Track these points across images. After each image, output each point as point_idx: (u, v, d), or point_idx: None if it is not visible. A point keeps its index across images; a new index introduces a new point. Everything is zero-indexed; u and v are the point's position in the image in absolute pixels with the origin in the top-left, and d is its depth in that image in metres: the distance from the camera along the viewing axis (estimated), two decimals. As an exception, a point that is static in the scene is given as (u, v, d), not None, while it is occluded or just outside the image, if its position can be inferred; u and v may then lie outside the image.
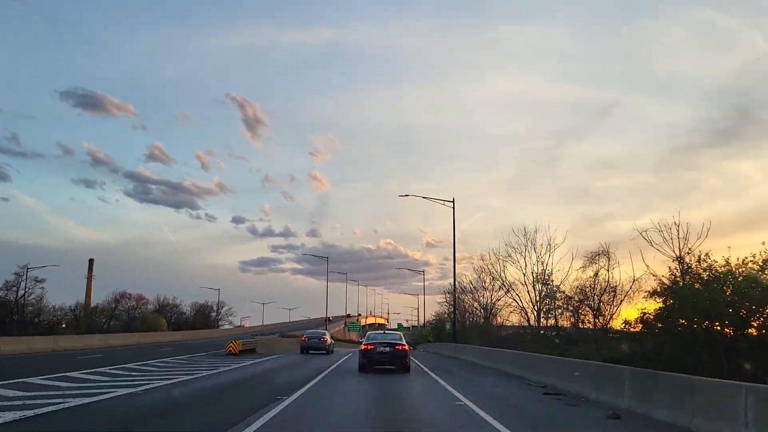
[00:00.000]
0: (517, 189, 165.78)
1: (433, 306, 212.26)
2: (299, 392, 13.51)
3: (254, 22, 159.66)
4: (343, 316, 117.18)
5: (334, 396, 13.41)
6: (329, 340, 39.68)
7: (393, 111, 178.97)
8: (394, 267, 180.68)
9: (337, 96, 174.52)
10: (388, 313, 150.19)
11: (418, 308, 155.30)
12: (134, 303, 72.83)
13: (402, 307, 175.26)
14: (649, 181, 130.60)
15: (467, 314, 49.64)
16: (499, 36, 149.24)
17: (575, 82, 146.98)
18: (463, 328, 45.91)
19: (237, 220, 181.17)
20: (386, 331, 27.44)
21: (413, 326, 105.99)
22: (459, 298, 46.97)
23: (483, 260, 43.05)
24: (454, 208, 39.43)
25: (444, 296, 62.00)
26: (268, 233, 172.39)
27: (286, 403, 11.46)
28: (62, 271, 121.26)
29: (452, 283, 43.82)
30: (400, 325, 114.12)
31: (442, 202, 40.16)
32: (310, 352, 36.86)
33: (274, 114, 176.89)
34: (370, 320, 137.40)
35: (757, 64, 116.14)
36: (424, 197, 40.68)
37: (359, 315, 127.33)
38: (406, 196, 41.79)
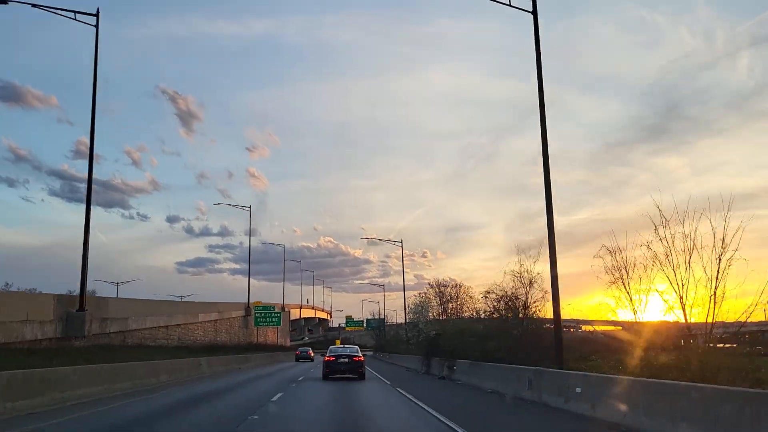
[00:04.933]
0: (457, 185, 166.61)
1: (370, 306, 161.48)
2: None
3: (182, 11, 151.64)
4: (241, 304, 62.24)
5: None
6: (312, 354, 62.05)
7: (330, 106, 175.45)
8: (335, 265, 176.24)
9: (273, 90, 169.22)
10: (331, 308, 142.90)
11: (404, 299, 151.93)
12: None
13: (346, 306, 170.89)
14: (582, 178, 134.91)
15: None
16: (435, 30, 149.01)
17: (511, 77, 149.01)
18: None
19: (172, 219, 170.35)
20: (345, 345, 33.24)
21: (369, 319, 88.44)
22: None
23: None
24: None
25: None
26: (205, 233, 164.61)
27: None
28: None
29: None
30: (349, 318, 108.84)
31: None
32: (300, 360, 57.35)
33: (208, 108, 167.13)
34: (307, 312, 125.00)
35: (684, 61, 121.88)
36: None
37: (277, 303, 76.62)
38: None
